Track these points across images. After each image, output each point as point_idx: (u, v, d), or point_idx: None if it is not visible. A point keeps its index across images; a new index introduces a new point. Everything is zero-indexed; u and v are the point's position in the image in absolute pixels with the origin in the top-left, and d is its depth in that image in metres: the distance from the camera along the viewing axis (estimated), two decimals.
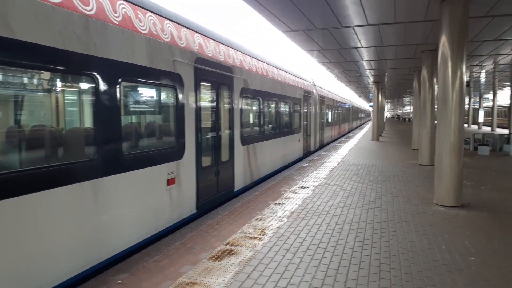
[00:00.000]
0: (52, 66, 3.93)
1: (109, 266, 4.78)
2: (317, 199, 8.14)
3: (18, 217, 3.50)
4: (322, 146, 21.45)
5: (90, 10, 4.39)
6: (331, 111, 25.15)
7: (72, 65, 4.14)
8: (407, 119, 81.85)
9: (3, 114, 3.72)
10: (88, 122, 4.53)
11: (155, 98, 6.19)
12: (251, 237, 5.60)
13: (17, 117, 3.86)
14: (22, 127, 3.90)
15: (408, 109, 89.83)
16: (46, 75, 4.08)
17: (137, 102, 5.68)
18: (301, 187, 9.49)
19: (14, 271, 3.47)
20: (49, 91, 4.19)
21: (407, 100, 53.06)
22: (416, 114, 18.80)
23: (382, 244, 5.35)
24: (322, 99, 20.63)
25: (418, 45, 12.60)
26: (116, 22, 4.81)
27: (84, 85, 4.53)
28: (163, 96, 6.21)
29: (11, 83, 3.72)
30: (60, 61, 3.98)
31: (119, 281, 4.19)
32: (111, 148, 4.70)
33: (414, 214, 6.94)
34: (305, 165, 13.72)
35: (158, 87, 5.96)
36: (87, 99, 4.51)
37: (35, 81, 4.09)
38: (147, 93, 6.06)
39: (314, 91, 18.16)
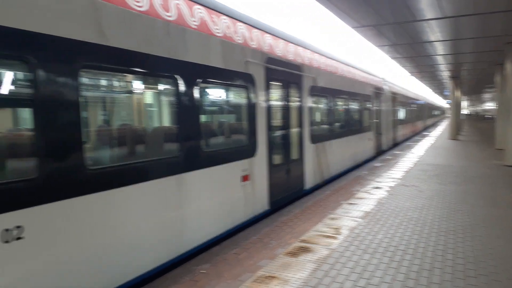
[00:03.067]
0: (142, 70, 4.27)
1: (190, 257, 5.07)
2: (393, 200, 7.85)
3: (118, 206, 3.87)
4: (395, 145, 20.57)
5: (171, 16, 4.68)
6: (404, 108, 24.00)
7: (157, 68, 4.45)
8: (487, 116, 75.26)
9: (110, 115, 4.13)
10: (172, 122, 4.85)
11: (229, 98, 6.43)
12: (325, 236, 5.58)
13: (116, 117, 4.27)
14: (121, 126, 4.30)
15: (489, 105, 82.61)
16: (136, 78, 4.45)
17: (213, 102, 5.95)
18: (375, 187, 9.21)
19: (113, 254, 3.84)
20: (140, 93, 4.57)
21: (487, 96, 48.88)
22: (502, 111, 17.25)
23: (466, 248, 5.03)
24: (394, 96, 19.78)
25: (500, 36, 11.56)
26: (194, 27, 5.08)
27: (167, 87, 4.85)
28: (236, 96, 6.42)
29: (109, 87, 4.13)
30: (147, 64, 4.30)
31: (202, 271, 4.44)
32: (191, 146, 4.98)
33: (501, 219, 6.41)
34: (377, 164, 13.28)
35: (232, 87, 6.18)
36: (170, 100, 4.82)
37: (128, 84, 4.49)
38: (221, 93, 6.32)
39: (385, 87, 17.48)
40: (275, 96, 7.49)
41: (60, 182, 3.30)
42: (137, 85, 4.73)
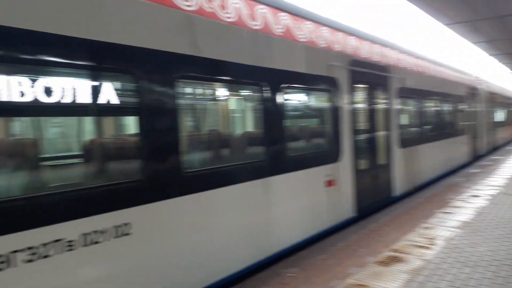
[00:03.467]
0: (230, 78, 4.48)
1: (275, 261, 5.14)
2: (495, 210, 7.12)
3: (210, 207, 4.10)
4: (495, 149, 18.61)
5: (258, 25, 4.83)
6: (504, 109, 21.64)
7: (244, 76, 4.63)
8: None
9: (202, 122, 4.43)
10: (258, 127, 4.99)
11: (312, 102, 6.43)
12: (418, 246, 5.26)
13: (207, 123, 4.55)
14: (211, 131, 4.57)
15: None
16: (224, 86, 4.69)
17: (296, 107, 6.00)
18: (472, 195, 8.44)
19: (205, 253, 4.05)
20: (228, 100, 4.81)
21: None
22: None
23: None
24: (492, 96, 17.94)
25: None
26: (279, 34, 5.18)
27: (253, 94, 5.02)
28: (320, 100, 6.39)
29: (202, 95, 4.42)
30: (235, 73, 4.49)
31: (290, 274, 4.48)
32: (276, 150, 5.07)
33: None
34: (474, 171, 12.15)
35: (316, 91, 6.17)
36: (256, 106, 4.97)
37: (217, 92, 4.76)
38: (305, 98, 6.35)
39: (480, 86, 15.96)
40: (361, 99, 7.29)
41: (161, 184, 3.61)
42: (226, 93, 4.98)
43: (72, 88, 3.11)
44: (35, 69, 3.03)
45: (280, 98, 5.15)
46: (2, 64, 2.75)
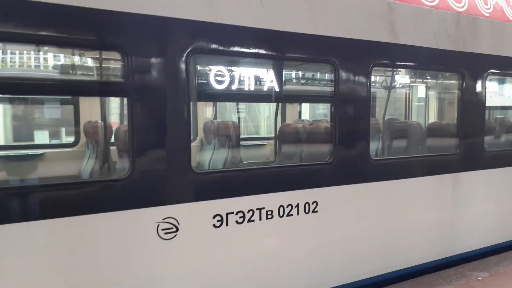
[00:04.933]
0: (424, 65, 4.24)
1: (459, 262, 4.74)
2: None
3: (396, 196, 4.06)
4: None
5: (462, 7, 4.40)
6: None
7: (442, 62, 4.31)
8: None
9: (391, 110, 4.38)
10: (453, 118, 4.62)
11: None
12: None
13: (396, 112, 4.47)
14: (400, 121, 4.46)
15: None
16: (417, 73, 4.48)
17: (502, 96, 5.26)
18: None
19: (385, 241, 4.05)
20: (419, 88, 4.60)
21: None
22: None
23: None
24: None
25: None
26: (486, 14, 4.61)
27: (451, 82, 4.63)
28: None
29: (393, 82, 4.34)
30: (429, 59, 4.23)
31: (479, 278, 4.10)
32: (472, 144, 4.59)
33: None
34: None
35: None
36: (452, 95, 4.59)
37: (408, 79, 4.59)
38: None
39: None
40: None
41: (349, 168, 3.76)
42: (417, 80, 4.74)
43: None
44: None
45: (483, 87, 4.62)
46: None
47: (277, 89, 3.62)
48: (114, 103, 4.67)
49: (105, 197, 2.71)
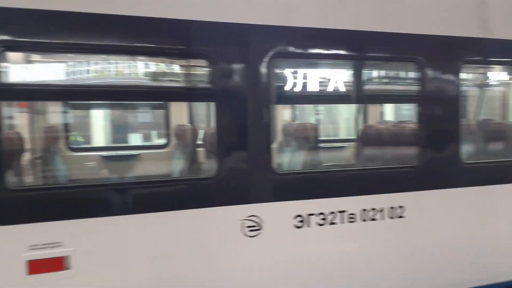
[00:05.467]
0: None
1: None
2: None
3: (489, 204, 3.74)
4: None
5: None
6: None
7: None
8: None
9: (480, 110, 4.06)
10: None
11: None
12: None
13: (490, 111, 4.11)
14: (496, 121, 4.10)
15: None
16: None
17: None
18: None
19: (480, 252, 3.72)
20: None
21: None
22: None
23: None
24: None
25: None
26: None
27: None
28: None
29: (485, 80, 4.00)
30: None
31: None
32: None
33: None
34: None
35: None
36: None
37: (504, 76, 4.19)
38: None
39: None
40: None
41: (437, 172, 3.55)
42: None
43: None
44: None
45: None
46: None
47: (358, 89, 3.57)
48: (201, 107, 4.97)
49: (195, 194, 2.91)
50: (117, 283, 2.72)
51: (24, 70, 3.98)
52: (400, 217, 3.43)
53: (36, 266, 2.48)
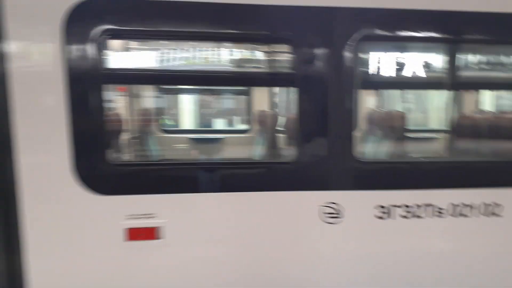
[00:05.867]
0: None
1: None
2: None
3: None
4: None
5: None
6: None
7: None
8: None
9: None
10: None
11: None
12: None
13: None
14: None
15: None
16: None
17: None
18: None
19: None
20: None
21: None
22: None
23: None
24: None
25: None
26: None
27: None
28: None
29: None
30: None
31: None
32: None
33: None
34: None
35: None
36: None
37: None
38: None
39: None
40: None
41: None
42: None
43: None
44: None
45: None
46: None
47: (452, 75, 3.28)
48: (281, 94, 5.03)
49: (275, 178, 2.96)
50: (201, 253, 2.89)
51: (123, 56, 4.37)
52: (497, 214, 3.11)
53: (133, 234, 2.75)
